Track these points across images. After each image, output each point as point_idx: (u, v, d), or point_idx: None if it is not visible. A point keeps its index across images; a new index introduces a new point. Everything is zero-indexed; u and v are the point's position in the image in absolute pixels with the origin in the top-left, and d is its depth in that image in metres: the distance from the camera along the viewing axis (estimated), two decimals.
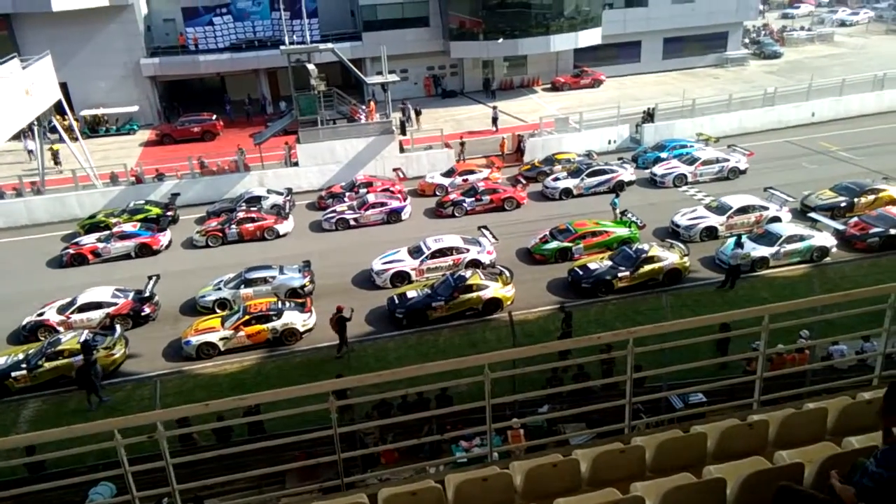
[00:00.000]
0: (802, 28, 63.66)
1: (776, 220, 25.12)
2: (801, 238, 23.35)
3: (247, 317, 20.58)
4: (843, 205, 26.23)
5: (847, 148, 33.73)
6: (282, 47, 33.22)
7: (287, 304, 21.38)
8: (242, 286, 22.69)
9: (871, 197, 26.40)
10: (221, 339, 20.33)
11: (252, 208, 29.24)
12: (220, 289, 22.85)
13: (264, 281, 22.87)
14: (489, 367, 5.80)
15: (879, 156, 31.92)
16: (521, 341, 16.87)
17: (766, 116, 37.81)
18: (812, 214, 25.25)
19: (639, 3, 49.32)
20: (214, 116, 42.78)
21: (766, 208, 25.62)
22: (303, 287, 22.91)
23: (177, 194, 31.26)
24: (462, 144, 34.87)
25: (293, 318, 20.83)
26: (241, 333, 20.42)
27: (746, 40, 57.04)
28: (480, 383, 5.86)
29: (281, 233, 28.28)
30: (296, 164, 33.36)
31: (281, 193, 30.88)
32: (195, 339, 20.25)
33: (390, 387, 11.75)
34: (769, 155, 33.14)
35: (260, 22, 44.53)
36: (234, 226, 27.86)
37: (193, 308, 22.74)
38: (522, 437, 13.79)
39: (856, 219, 25.02)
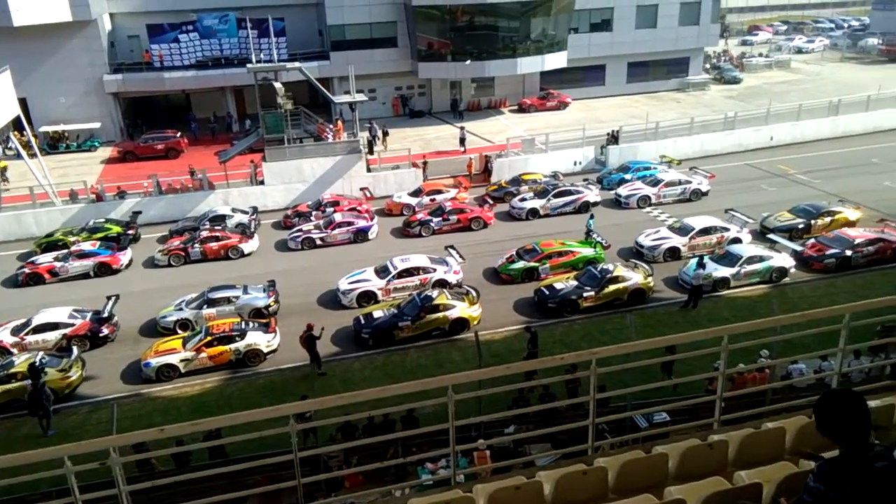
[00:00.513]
0: (761, 55, 65.56)
1: (737, 241, 25.67)
2: (761, 259, 23.86)
3: (209, 338, 20.19)
4: (800, 226, 26.92)
5: (804, 171, 34.69)
6: (248, 65, 33.04)
7: (251, 325, 21.05)
8: (205, 306, 22.29)
9: (828, 219, 27.18)
10: (182, 360, 19.90)
11: (216, 227, 28.82)
12: (181, 309, 22.41)
13: (227, 301, 22.50)
14: (453, 389, 5.75)
15: (835, 179, 32.92)
16: (487, 361, 16.85)
17: (727, 140, 38.73)
18: (771, 236, 25.85)
19: (604, 28, 50.38)
20: (179, 134, 42.28)
21: (727, 229, 26.17)
22: (267, 307, 22.60)
23: (138, 212, 30.72)
24: (424, 164, 34.97)
25: (257, 339, 20.50)
26: (203, 355, 20.02)
27: (707, 66, 58.59)
28: (446, 404, 5.81)
29: (246, 252, 27.92)
30: (262, 182, 33.08)
31: (246, 212, 30.55)
32: (155, 361, 19.79)
33: (355, 408, 11.61)
34: (730, 177, 33.90)
35: (227, 40, 44.23)
36: (197, 245, 27.41)
37: (154, 329, 22.26)
38: (489, 458, 13.72)
39: (813, 240, 25.68)
